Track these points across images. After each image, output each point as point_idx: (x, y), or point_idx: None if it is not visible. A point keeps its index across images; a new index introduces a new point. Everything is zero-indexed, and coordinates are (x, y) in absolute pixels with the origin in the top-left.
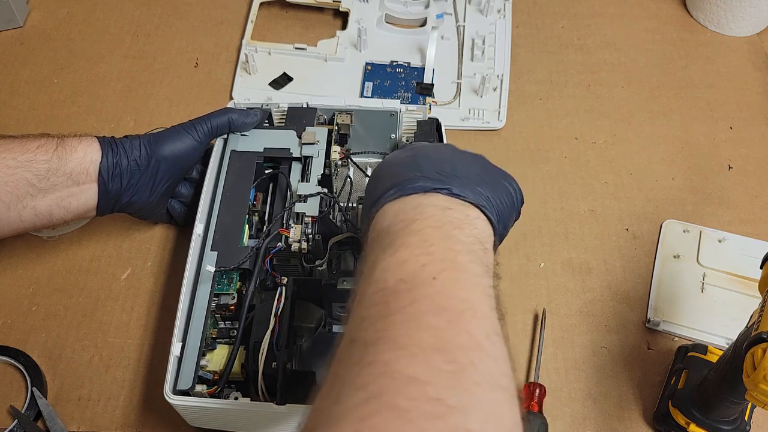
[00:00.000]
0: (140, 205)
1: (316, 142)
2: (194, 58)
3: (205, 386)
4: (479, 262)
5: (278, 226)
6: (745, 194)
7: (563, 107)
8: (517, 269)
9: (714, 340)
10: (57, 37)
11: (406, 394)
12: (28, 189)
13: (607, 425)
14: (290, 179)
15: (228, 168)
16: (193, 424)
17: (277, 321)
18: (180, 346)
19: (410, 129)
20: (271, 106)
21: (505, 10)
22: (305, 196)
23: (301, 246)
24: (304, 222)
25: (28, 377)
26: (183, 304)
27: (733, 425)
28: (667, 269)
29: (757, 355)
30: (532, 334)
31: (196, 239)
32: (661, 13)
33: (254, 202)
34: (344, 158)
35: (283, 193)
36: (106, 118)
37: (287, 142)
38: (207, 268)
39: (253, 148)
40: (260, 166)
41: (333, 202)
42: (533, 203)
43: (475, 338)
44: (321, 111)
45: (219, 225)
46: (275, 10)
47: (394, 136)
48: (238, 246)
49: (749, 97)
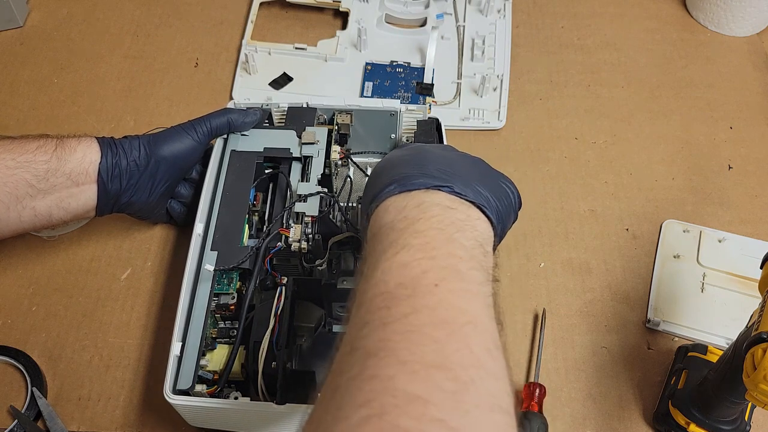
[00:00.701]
0: (140, 205)
1: (316, 142)
2: (194, 58)
3: (205, 386)
4: (480, 268)
5: (278, 225)
6: (745, 194)
7: (563, 107)
8: (517, 269)
9: (714, 340)
10: (57, 37)
11: (408, 413)
12: (27, 189)
13: (607, 425)
14: (290, 179)
15: (228, 168)
16: (193, 423)
17: (277, 320)
18: (180, 346)
19: (410, 129)
20: (271, 106)
21: (505, 10)
22: (305, 195)
23: (301, 246)
24: (304, 222)
25: (28, 377)
26: (183, 304)
27: (733, 425)
28: (667, 269)
29: (757, 355)
30: (532, 334)
31: (196, 239)
32: (661, 13)
33: (254, 202)
34: (344, 158)
35: (283, 192)
36: (106, 118)
37: (287, 142)
38: (207, 267)
39: (253, 148)
40: (260, 166)
41: (333, 202)
42: (533, 203)
43: (476, 354)
44: (321, 111)
45: (219, 225)
46: (275, 10)
47: (394, 136)
48: (238, 246)
49: (749, 97)
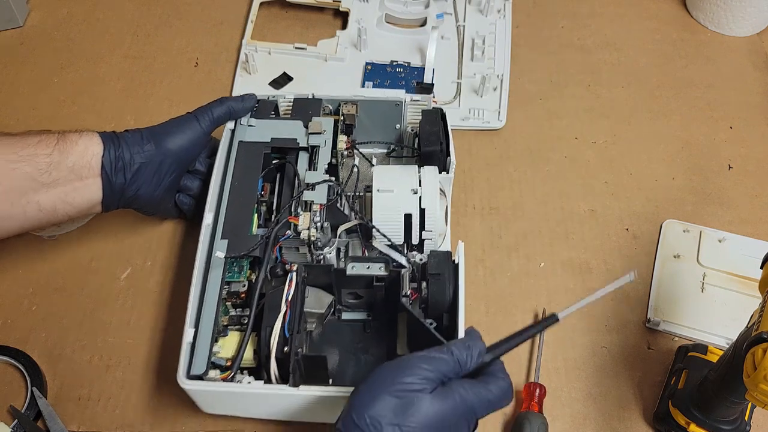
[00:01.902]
0: (146, 198)
1: (322, 132)
2: (194, 58)
3: (219, 371)
4: None
5: (287, 214)
6: (745, 194)
7: (563, 107)
8: (517, 269)
9: (714, 340)
10: (57, 37)
11: None
12: (30, 184)
13: (607, 425)
14: (298, 168)
15: (236, 158)
16: (207, 410)
17: (288, 306)
18: (193, 332)
19: (415, 120)
20: (277, 97)
21: (505, 10)
22: (313, 184)
23: (310, 233)
24: (312, 210)
25: (28, 377)
26: (194, 291)
27: (733, 425)
28: (667, 269)
29: (758, 355)
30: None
31: (205, 228)
32: (661, 13)
33: (261, 192)
34: (350, 148)
35: (291, 182)
36: (106, 118)
37: (294, 132)
38: (218, 255)
39: (260, 139)
40: (267, 156)
41: (340, 191)
42: (533, 203)
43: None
44: (326, 102)
45: (228, 214)
46: (275, 10)
47: (398, 126)
48: (248, 234)
49: (749, 97)
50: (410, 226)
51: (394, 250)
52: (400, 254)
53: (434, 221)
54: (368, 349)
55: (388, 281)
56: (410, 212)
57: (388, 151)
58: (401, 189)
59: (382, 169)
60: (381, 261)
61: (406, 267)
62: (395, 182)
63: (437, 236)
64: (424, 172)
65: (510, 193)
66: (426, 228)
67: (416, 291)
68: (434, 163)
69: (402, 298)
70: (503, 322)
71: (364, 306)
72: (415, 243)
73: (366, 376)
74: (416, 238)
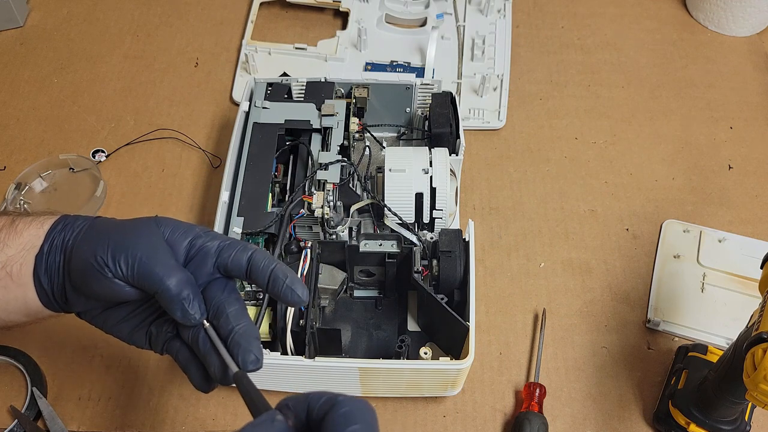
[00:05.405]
0: (100, 323)
1: (335, 114)
2: (194, 58)
3: None
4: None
5: (301, 193)
6: (745, 194)
7: (563, 107)
8: (517, 269)
9: (714, 340)
10: (57, 37)
11: None
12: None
13: (607, 425)
14: (311, 149)
15: (251, 138)
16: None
17: (303, 281)
18: None
19: (425, 104)
20: (290, 80)
21: (505, 10)
22: (327, 164)
23: (324, 211)
24: (326, 189)
25: (28, 377)
26: None
27: (733, 425)
28: (667, 269)
29: (758, 355)
30: (532, 334)
31: (222, 206)
32: (661, 13)
33: (275, 173)
34: (362, 130)
35: (305, 163)
36: (106, 118)
37: (307, 114)
38: (234, 230)
39: (274, 120)
40: (281, 137)
41: (353, 171)
42: (533, 203)
43: None
44: (339, 85)
45: (244, 192)
46: (275, 10)
47: (408, 110)
48: (264, 212)
49: (749, 97)
50: (421, 205)
51: (406, 228)
52: (412, 233)
53: (445, 200)
54: (380, 325)
55: (400, 258)
56: (421, 191)
57: (399, 135)
58: (413, 169)
59: (394, 150)
60: (393, 238)
61: (418, 245)
62: (407, 162)
63: (447, 216)
64: (435, 152)
65: (510, 193)
66: (437, 207)
67: (427, 268)
68: (444, 145)
69: (414, 274)
70: (503, 322)
71: (376, 284)
72: (426, 222)
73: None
74: (427, 216)
